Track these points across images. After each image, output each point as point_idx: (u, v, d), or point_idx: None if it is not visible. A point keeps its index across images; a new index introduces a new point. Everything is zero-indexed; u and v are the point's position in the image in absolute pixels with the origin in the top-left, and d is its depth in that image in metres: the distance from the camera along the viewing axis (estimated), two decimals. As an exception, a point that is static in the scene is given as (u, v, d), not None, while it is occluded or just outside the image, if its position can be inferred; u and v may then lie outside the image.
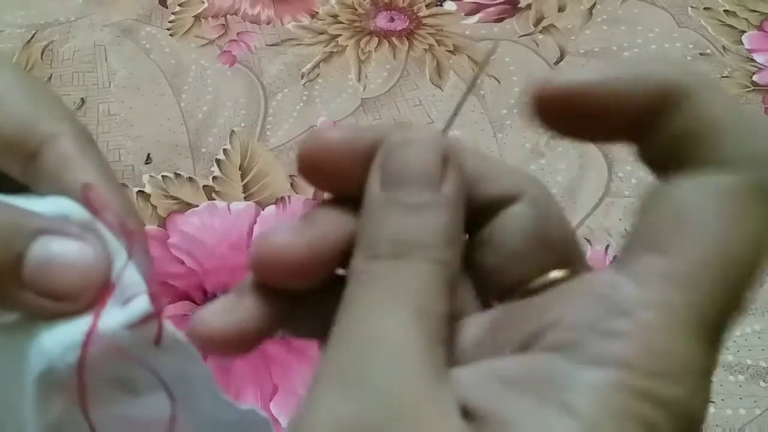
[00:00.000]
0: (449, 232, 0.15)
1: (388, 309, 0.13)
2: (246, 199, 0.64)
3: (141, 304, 0.18)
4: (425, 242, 0.14)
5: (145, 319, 0.18)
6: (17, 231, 0.16)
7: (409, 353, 0.13)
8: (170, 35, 0.81)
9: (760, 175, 0.14)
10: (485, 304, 0.17)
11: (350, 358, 0.13)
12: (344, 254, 0.16)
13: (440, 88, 0.74)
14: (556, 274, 0.17)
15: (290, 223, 0.16)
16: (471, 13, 0.83)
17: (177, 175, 0.66)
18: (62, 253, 0.17)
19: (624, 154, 0.67)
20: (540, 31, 0.80)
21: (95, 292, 0.17)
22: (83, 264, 0.17)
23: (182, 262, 0.58)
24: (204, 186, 0.65)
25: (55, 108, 0.20)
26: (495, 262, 0.17)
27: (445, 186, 0.15)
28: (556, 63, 0.76)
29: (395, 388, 0.12)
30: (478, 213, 0.17)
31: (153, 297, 0.18)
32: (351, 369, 0.13)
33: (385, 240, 0.14)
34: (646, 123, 0.16)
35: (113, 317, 0.17)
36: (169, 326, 0.18)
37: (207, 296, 0.57)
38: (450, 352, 0.14)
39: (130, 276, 0.18)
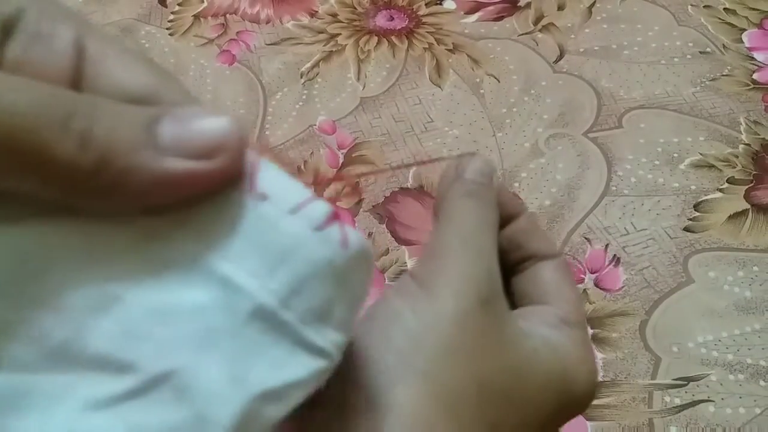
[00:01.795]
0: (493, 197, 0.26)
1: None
2: (245, 198, 0.64)
3: (320, 206, 0.15)
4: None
5: (329, 221, 0.15)
6: (143, 114, 0.15)
7: (493, 251, 0.23)
8: (170, 34, 0.81)
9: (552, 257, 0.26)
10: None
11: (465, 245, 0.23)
12: None
13: (439, 86, 0.74)
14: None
15: None
16: (470, 11, 0.83)
17: (176, 174, 0.66)
18: (194, 113, 0.15)
19: (624, 153, 0.67)
20: (539, 30, 0.80)
21: (241, 149, 0.15)
22: (217, 119, 0.15)
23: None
24: (203, 185, 0.65)
25: (174, 81, 0.18)
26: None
27: (492, 192, 0.26)
28: (556, 61, 0.76)
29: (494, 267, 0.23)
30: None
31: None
32: (469, 248, 0.23)
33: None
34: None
35: (298, 221, 0.15)
36: (351, 229, 0.16)
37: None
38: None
39: (289, 182, 0.16)
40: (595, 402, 0.51)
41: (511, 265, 0.26)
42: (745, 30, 0.79)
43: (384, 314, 0.21)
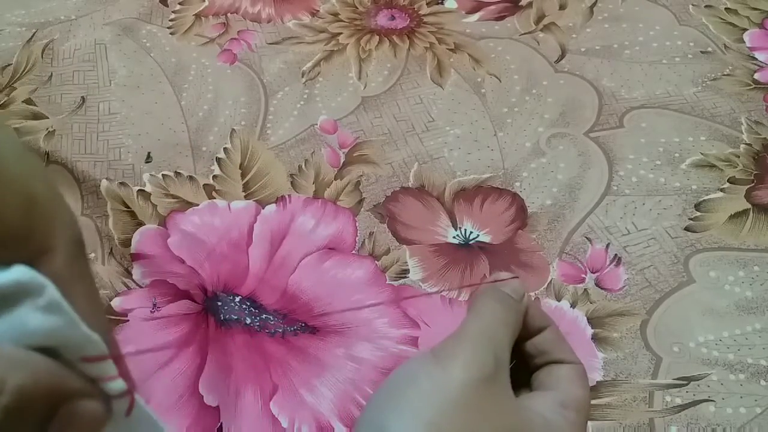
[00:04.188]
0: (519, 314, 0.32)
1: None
2: (246, 197, 0.64)
3: (119, 383, 0.22)
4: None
5: (121, 395, 0.22)
6: (58, 395, 0.19)
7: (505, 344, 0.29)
8: (171, 34, 0.81)
9: (572, 361, 0.33)
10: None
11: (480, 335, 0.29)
12: None
13: (441, 86, 0.74)
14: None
15: None
16: (472, 11, 0.83)
17: (177, 173, 0.66)
18: (85, 412, 0.20)
19: (625, 152, 0.67)
20: (541, 30, 0.80)
21: None
22: (95, 421, 0.20)
23: (182, 261, 0.58)
24: (204, 185, 0.65)
25: (60, 212, 0.21)
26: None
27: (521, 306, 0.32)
28: (557, 61, 0.76)
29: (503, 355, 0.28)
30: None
31: (127, 380, 0.22)
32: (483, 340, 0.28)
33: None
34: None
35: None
36: (143, 407, 0.23)
37: (207, 295, 0.57)
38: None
39: (107, 364, 0.22)
40: (596, 402, 0.51)
41: (537, 368, 0.31)
42: (746, 30, 0.79)
43: (403, 376, 0.26)
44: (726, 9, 0.81)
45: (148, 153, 0.68)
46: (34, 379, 0.18)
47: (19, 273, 0.20)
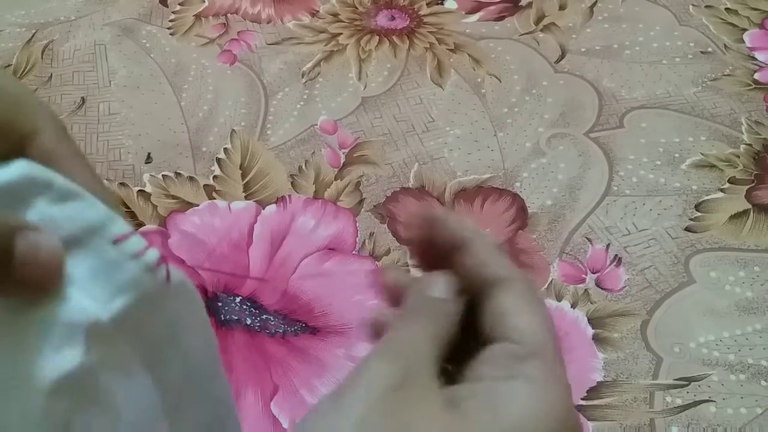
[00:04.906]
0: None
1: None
2: (246, 198, 0.64)
3: (153, 253, 0.21)
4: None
5: (158, 263, 0.22)
6: (7, 226, 0.19)
7: (426, 351, 0.23)
8: (171, 34, 0.81)
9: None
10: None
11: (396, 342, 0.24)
12: None
13: (441, 86, 0.74)
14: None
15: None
16: (472, 11, 0.83)
17: (177, 174, 0.66)
18: (44, 244, 0.19)
19: (625, 152, 0.67)
20: (541, 30, 0.80)
21: (61, 275, 0.20)
22: (57, 253, 0.20)
23: (183, 261, 0.58)
24: (204, 185, 0.65)
25: (33, 102, 0.22)
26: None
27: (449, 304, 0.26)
28: (557, 61, 0.76)
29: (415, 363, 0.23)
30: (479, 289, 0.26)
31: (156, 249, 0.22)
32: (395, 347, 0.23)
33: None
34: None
35: (133, 266, 0.21)
36: (174, 269, 0.22)
37: (208, 295, 0.57)
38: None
39: (135, 237, 0.21)
40: (597, 402, 0.51)
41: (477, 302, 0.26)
42: (746, 30, 0.79)
43: (318, 407, 0.23)
44: (726, 9, 0.81)
45: (148, 153, 0.68)
46: None
47: (21, 167, 0.19)
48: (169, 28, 0.82)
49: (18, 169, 0.19)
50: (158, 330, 0.22)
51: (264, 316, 0.55)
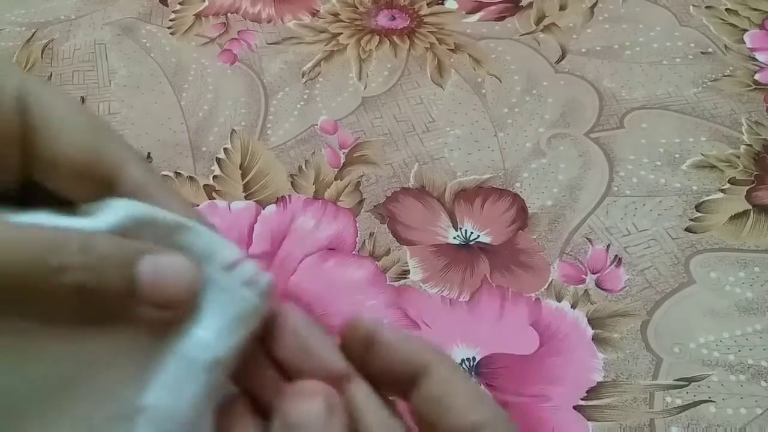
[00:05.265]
0: None
1: None
2: (246, 198, 0.64)
3: (265, 277, 0.21)
4: None
5: (269, 287, 0.21)
6: (125, 255, 0.18)
7: None
8: (171, 34, 0.81)
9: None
10: None
11: None
12: None
13: (441, 86, 0.74)
14: None
15: None
16: (472, 11, 0.83)
17: (177, 174, 0.66)
18: (168, 265, 0.19)
19: (626, 153, 0.67)
20: (541, 30, 0.80)
21: (196, 295, 0.19)
22: (187, 271, 0.19)
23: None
24: (204, 185, 0.65)
25: (113, 135, 0.21)
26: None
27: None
28: (558, 62, 0.76)
29: None
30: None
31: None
32: None
33: None
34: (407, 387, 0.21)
35: (248, 293, 0.20)
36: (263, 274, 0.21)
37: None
38: None
39: (246, 262, 0.21)
40: (597, 402, 0.51)
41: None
42: (746, 30, 0.79)
43: None
44: (726, 10, 0.81)
45: (148, 153, 0.68)
46: (98, 237, 0.18)
47: (121, 207, 0.19)
48: (169, 28, 0.82)
49: (119, 209, 0.19)
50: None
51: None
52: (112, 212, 0.19)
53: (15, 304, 0.17)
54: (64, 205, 0.20)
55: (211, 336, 0.19)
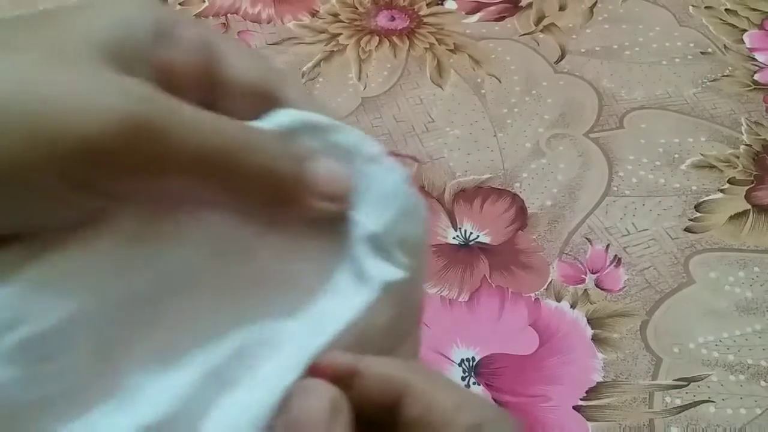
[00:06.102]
0: None
1: None
2: (246, 198, 0.64)
3: (404, 169, 0.23)
4: None
5: (408, 178, 0.23)
6: (304, 152, 0.21)
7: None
8: (171, 34, 0.81)
9: None
10: None
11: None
12: None
13: (441, 87, 0.74)
14: None
15: None
16: (472, 12, 0.83)
17: (177, 174, 0.66)
18: (334, 167, 0.22)
19: (625, 153, 0.67)
20: (541, 30, 0.80)
21: (349, 196, 0.22)
22: (342, 176, 0.22)
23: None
24: (204, 185, 0.65)
25: (273, 64, 0.24)
26: None
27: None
28: (557, 62, 0.76)
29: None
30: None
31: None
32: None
33: None
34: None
35: (391, 178, 0.23)
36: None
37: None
38: None
39: (386, 155, 0.23)
40: (596, 402, 0.51)
41: None
42: (746, 31, 0.79)
43: None
44: (726, 10, 0.81)
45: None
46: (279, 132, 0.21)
47: (285, 114, 0.22)
48: (169, 28, 0.82)
49: (285, 115, 0.22)
50: (415, 242, 0.23)
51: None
52: (280, 117, 0.22)
53: (211, 182, 0.19)
54: None
55: (362, 216, 0.22)
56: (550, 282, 0.58)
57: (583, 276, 0.58)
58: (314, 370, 0.20)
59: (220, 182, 0.19)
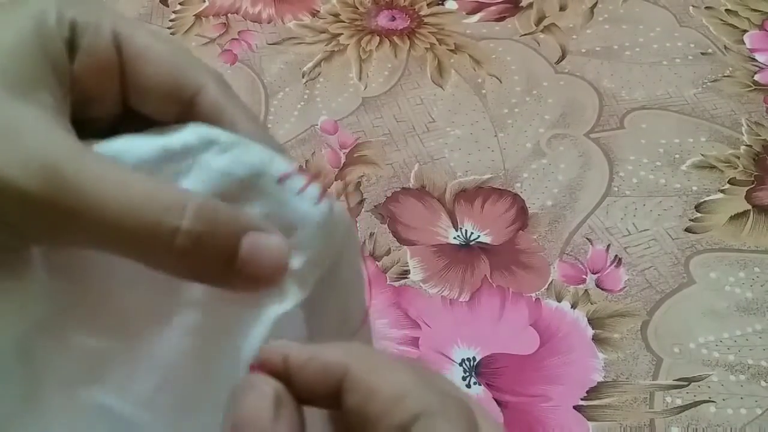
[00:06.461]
0: None
1: None
2: (247, 198, 0.64)
3: (315, 188, 0.22)
4: None
5: (320, 197, 0.22)
6: (235, 227, 0.20)
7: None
8: (171, 34, 0.81)
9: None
10: None
11: None
12: None
13: (441, 87, 0.74)
14: None
15: None
16: (472, 12, 0.83)
17: (178, 174, 0.66)
18: (266, 245, 0.20)
19: (626, 153, 0.67)
20: (541, 31, 0.80)
21: (283, 274, 0.21)
22: (279, 255, 0.21)
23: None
24: (205, 185, 0.65)
25: (194, 61, 0.23)
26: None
27: (278, 426, 0.19)
28: (558, 62, 0.76)
29: None
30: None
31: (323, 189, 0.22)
32: None
33: None
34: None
35: (298, 203, 0.22)
36: (336, 202, 0.23)
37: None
38: None
39: (296, 174, 0.22)
40: (597, 402, 0.51)
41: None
42: (746, 31, 0.79)
43: None
44: (726, 10, 0.81)
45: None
46: (214, 204, 0.20)
47: (190, 132, 0.21)
48: (169, 28, 0.82)
49: (190, 134, 0.21)
50: (330, 257, 0.22)
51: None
52: (186, 135, 0.21)
53: (128, 253, 0.19)
54: (155, 126, 0.22)
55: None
56: (551, 282, 0.58)
57: (584, 276, 0.58)
58: (256, 364, 0.20)
59: (120, 251, 0.19)
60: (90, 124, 0.22)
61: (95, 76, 0.21)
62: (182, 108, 0.22)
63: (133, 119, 0.23)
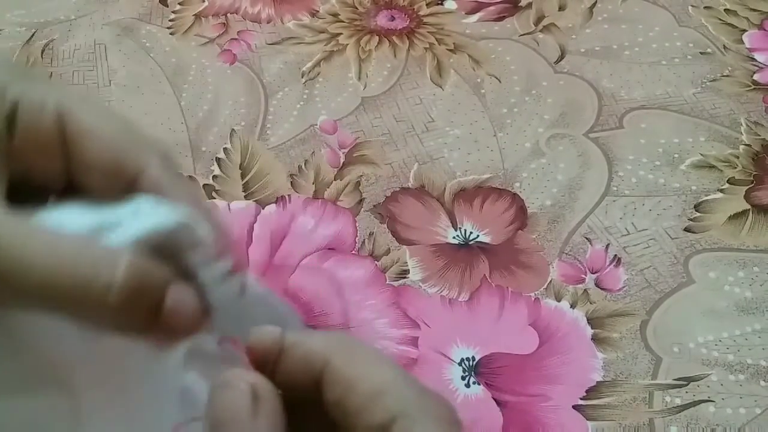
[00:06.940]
0: None
1: None
2: (246, 197, 0.64)
3: (224, 264, 0.23)
4: None
5: (227, 275, 0.23)
6: (161, 281, 0.21)
7: None
8: (170, 34, 0.81)
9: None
10: None
11: None
12: None
13: (441, 86, 0.74)
14: None
15: None
16: (471, 12, 0.83)
17: (177, 173, 0.66)
18: (184, 299, 0.22)
19: (625, 153, 0.67)
20: (540, 30, 0.80)
21: (198, 330, 0.22)
22: (196, 308, 0.22)
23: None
24: (204, 185, 0.65)
25: (138, 139, 0.24)
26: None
27: (257, 422, 0.19)
28: (557, 62, 0.76)
29: None
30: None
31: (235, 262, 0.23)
32: None
33: None
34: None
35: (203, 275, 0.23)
36: (252, 281, 0.24)
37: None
38: None
39: (207, 246, 0.23)
40: (596, 402, 0.51)
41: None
42: (745, 31, 0.79)
43: None
44: (725, 10, 0.81)
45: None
46: (141, 260, 0.21)
47: (131, 201, 0.22)
48: (169, 28, 0.82)
49: (123, 205, 0.22)
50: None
51: (263, 316, 0.55)
52: (121, 205, 0.22)
53: (63, 310, 0.20)
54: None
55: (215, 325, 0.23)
56: (550, 282, 0.58)
57: (583, 276, 0.58)
58: (246, 346, 0.22)
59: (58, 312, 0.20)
60: (39, 190, 0.23)
61: (35, 152, 0.22)
62: (126, 185, 0.23)
63: (83, 187, 0.24)
